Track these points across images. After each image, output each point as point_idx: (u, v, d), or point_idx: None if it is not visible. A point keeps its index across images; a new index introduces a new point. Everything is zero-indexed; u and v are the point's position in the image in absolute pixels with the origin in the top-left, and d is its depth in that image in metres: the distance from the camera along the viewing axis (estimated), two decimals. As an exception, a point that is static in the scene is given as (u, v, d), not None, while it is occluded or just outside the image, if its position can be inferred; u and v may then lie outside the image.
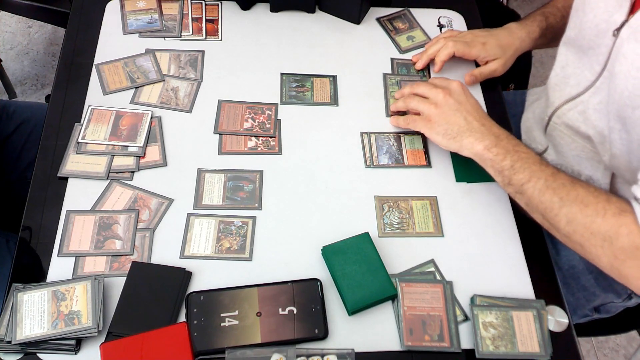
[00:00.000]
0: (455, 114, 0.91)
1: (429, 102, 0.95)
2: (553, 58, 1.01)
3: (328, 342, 0.79)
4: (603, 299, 1.04)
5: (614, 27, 0.84)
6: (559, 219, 0.79)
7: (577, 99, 0.94)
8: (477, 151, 0.88)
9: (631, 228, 0.73)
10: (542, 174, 0.82)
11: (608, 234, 0.75)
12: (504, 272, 0.87)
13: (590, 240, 0.76)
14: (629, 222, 0.74)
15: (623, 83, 0.81)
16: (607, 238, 0.75)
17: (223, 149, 0.97)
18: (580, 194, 0.78)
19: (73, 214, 0.88)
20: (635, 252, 0.73)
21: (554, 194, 0.80)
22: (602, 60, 0.87)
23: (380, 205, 0.92)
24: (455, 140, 0.90)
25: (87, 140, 0.95)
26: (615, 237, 0.74)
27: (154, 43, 1.10)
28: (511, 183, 0.85)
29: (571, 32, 0.95)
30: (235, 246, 0.87)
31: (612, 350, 1.72)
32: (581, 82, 0.93)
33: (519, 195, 0.84)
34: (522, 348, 0.79)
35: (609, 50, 0.85)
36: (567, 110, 0.97)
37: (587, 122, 0.93)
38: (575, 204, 0.78)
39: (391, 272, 0.84)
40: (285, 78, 1.07)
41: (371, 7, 1.18)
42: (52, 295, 0.78)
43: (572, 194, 0.79)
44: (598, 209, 0.76)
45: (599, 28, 0.87)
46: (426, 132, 0.94)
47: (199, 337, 0.77)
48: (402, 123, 0.99)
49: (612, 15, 0.84)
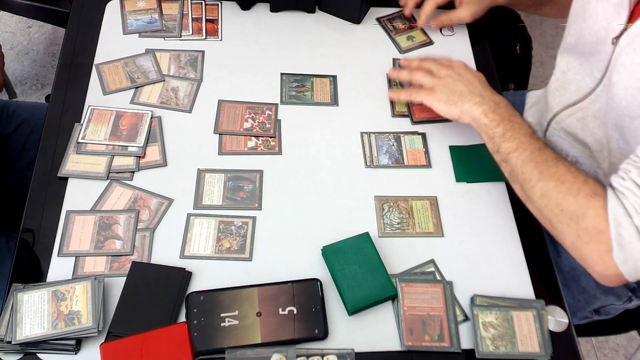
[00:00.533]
0: (457, 83, 0.94)
1: (432, 75, 0.97)
2: (553, 58, 1.01)
3: (328, 342, 0.79)
4: (603, 302, 1.04)
5: (613, 35, 0.83)
6: (535, 191, 0.80)
7: (576, 105, 0.94)
8: (475, 115, 0.89)
9: (599, 212, 0.74)
10: (529, 146, 0.83)
11: (576, 214, 0.76)
12: (504, 272, 0.87)
13: (559, 217, 0.77)
14: (598, 206, 0.74)
15: (622, 93, 0.81)
16: (575, 217, 0.76)
17: (223, 149, 0.97)
18: (559, 171, 0.79)
19: (73, 214, 0.88)
20: (597, 236, 0.74)
21: (535, 167, 0.81)
22: (602, 67, 0.87)
23: (380, 205, 0.92)
24: (457, 106, 0.92)
25: (87, 140, 0.95)
26: (582, 218, 0.75)
27: (154, 43, 1.10)
28: (499, 150, 0.86)
29: (571, 39, 0.94)
30: (235, 246, 0.87)
31: (612, 350, 1.72)
32: (581, 88, 0.93)
33: (504, 164, 0.86)
34: (522, 348, 0.79)
35: (609, 57, 0.85)
36: (566, 116, 0.97)
37: (585, 130, 0.93)
38: (553, 179, 0.79)
39: (391, 272, 0.84)
40: (285, 78, 1.07)
41: (371, 7, 1.18)
42: (52, 295, 0.78)
43: (552, 169, 0.80)
44: (573, 187, 0.77)
45: (599, 35, 0.86)
46: (428, 101, 0.95)
47: (199, 337, 0.77)
48: (402, 96, 1.01)
49: (611, 22, 0.84)
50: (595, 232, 0.74)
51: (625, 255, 0.72)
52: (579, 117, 0.94)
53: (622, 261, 0.73)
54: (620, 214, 0.72)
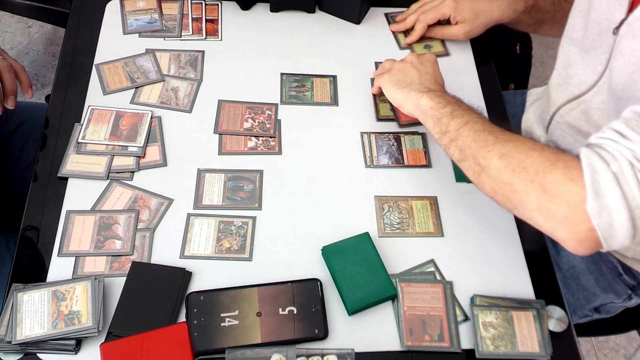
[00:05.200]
0: (413, 70, 0.94)
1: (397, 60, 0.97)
2: (553, 58, 1.01)
3: (328, 342, 0.79)
4: (603, 299, 1.04)
5: (614, 26, 0.84)
6: (492, 155, 0.75)
7: (579, 98, 0.94)
8: (419, 102, 0.88)
9: (568, 162, 0.68)
10: (480, 119, 0.81)
11: (542, 166, 0.69)
12: (504, 272, 0.87)
13: (521, 175, 0.71)
14: (567, 158, 0.69)
15: (618, 78, 0.81)
16: (540, 171, 0.69)
17: (223, 149, 0.97)
18: (515, 137, 0.76)
19: (73, 214, 0.88)
20: (568, 184, 0.67)
21: (490, 134, 0.77)
22: (604, 59, 0.87)
23: (380, 205, 0.92)
24: (403, 92, 0.91)
25: (87, 140, 0.95)
26: (549, 170, 0.69)
27: (154, 43, 1.10)
28: (448, 130, 0.82)
29: (577, 33, 0.94)
30: (235, 246, 0.87)
31: (612, 350, 1.72)
32: (584, 81, 0.93)
33: (454, 143, 0.81)
34: (522, 348, 0.79)
35: (610, 49, 0.85)
36: (570, 109, 0.97)
37: (589, 122, 0.93)
38: (511, 142, 0.74)
39: (391, 272, 0.84)
40: (285, 78, 1.07)
41: (371, 7, 1.18)
42: (52, 295, 0.78)
43: (507, 135, 0.76)
44: (536, 146, 0.72)
45: (601, 27, 0.87)
46: (380, 81, 0.96)
47: (199, 337, 0.77)
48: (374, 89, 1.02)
49: (613, 13, 0.84)
50: (565, 181, 0.67)
51: (600, 205, 0.65)
52: (582, 110, 0.94)
53: (597, 212, 0.65)
54: (596, 160, 0.66)
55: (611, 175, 0.65)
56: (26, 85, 0.97)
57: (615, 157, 0.66)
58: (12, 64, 0.96)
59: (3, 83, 0.94)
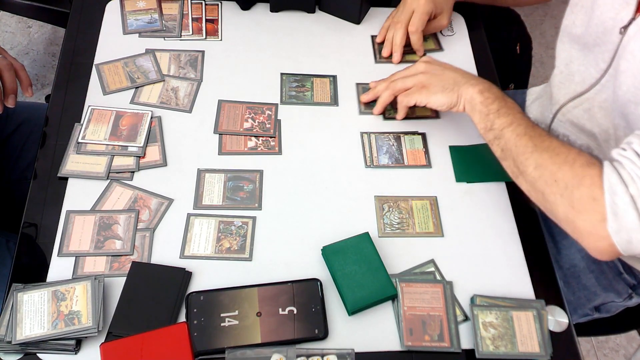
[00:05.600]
0: (445, 72, 0.95)
1: (414, 76, 0.97)
2: (553, 58, 1.01)
3: (328, 342, 0.79)
4: (604, 298, 1.04)
5: (621, 25, 0.84)
6: (529, 163, 0.80)
7: (582, 96, 0.94)
8: (471, 96, 0.89)
9: (594, 180, 0.73)
10: (523, 121, 0.84)
11: (571, 182, 0.75)
12: (504, 272, 0.87)
13: (553, 187, 0.77)
14: (593, 174, 0.74)
15: (630, 80, 0.81)
16: (569, 186, 0.75)
17: (223, 149, 0.97)
18: (553, 144, 0.80)
19: (73, 214, 0.88)
20: (592, 204, 0.73)
21: (530, 140, 0.81)
22: (607, 57, 0.87)
23: (380, 205, 0.92)
24: (454, 91, 0.92)
25: (87, 140, 0.95)
26: (577, 186, 0.75)
27: (154, 43, 1.10)
28: (493, 127, 0.86)
29: (578, 30, 0.94)
30: (235, 246, 0.87)
31: (612, 350, 1.72)
32: (586, 79, 0.93)
33: (497, 141, 0.86)
34: (522, 348, 0.79)
35: (615, 47, 0.85)
36: (572, 107, 0.97)
37: (592, 120, 0.93)
38: (547, 152, 0.79)
39: (391, 272, 0.84)
40: (285, 78, 1.07)
41: (371, 7, 1.18)
42: (52, 295, 0.78)
43: (546, 142, 0.80)
44: (568, 158, 0.77)
45: (606, 25, 0.86)
46: (424, 98, 0.95)
47: (199, 337, 0.77)
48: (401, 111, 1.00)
49: (619, 12, 0.84)
50: (589, 200, 0.73)
51: (619, 225, 0.71)
52: (585, 108, 0.94)
53: (616, 231, 0.72)
54: (616, 182, 0.72)
55: (629, 199, 0.71)
56: (26, 84, 0.98)
57: (634, 180, 0.71)
58: (12, 62, 0.96)
59: (3, 82, 0.94)
